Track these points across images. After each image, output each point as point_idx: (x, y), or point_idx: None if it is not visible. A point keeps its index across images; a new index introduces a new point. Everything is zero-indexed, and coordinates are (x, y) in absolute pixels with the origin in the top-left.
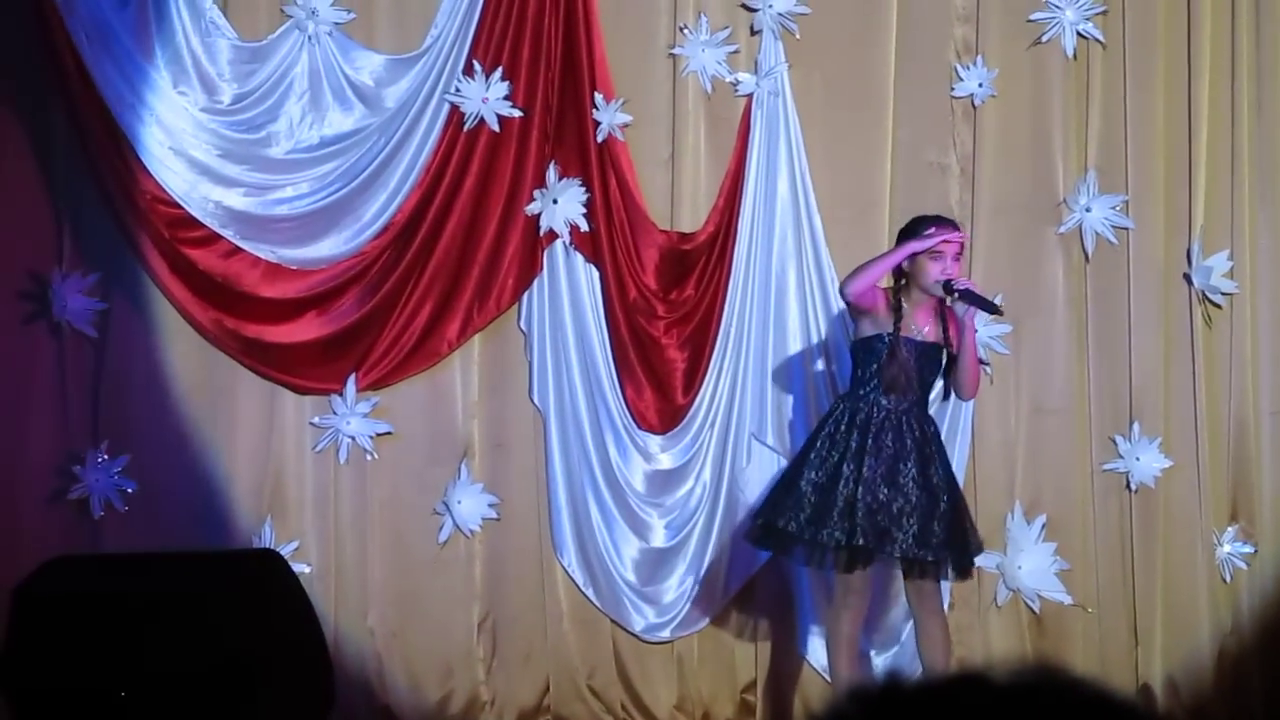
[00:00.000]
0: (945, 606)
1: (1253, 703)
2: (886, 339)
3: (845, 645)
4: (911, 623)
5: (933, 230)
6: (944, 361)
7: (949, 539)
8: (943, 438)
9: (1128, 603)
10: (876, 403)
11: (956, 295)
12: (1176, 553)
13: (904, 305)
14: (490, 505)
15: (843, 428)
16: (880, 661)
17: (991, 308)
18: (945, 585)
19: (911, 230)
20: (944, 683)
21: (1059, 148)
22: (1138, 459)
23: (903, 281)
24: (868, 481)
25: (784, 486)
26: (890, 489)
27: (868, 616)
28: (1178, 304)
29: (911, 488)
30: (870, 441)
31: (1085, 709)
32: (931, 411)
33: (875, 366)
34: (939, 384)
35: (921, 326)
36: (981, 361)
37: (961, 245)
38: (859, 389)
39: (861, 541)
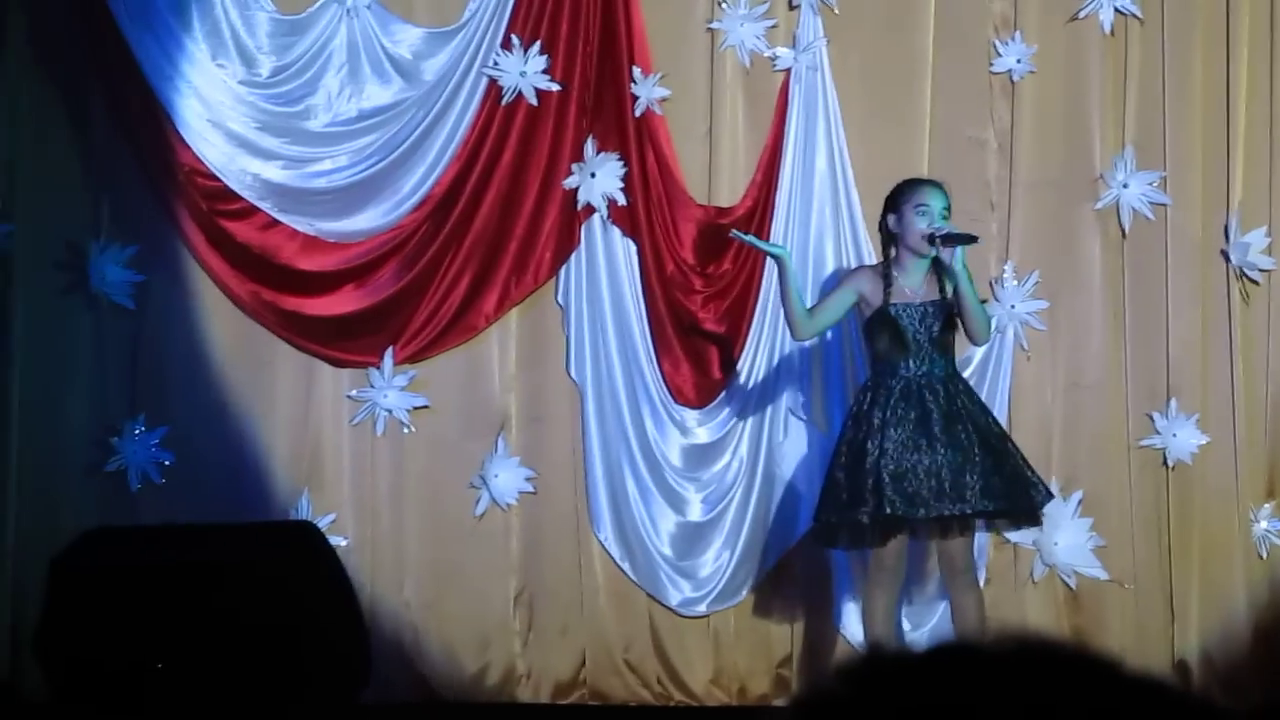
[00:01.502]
0: (981, 581)
1: None
2: (882, 312)
3: (881, 620)
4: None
5: (911, 194)
6: (948, 316)
7: (989, 491)
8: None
9: (1164, 579)
10: (894, 374)
11: (940, 242)
12: (1213, 529)
13: (894, 274)
14: (527, 479)
15: (864, 408)
16: (917, 636)
17: (968, 239)
18: (982, 561)
19: (896, 192)
20: (928, 653)
21: (1096, 124)
22: (1174, 435)
23: (893, 251)
24: (890, 452)
25: (824, 483)
26: (915, 454)
27: (906, 590)
28: (1215, 280)
29: (939, 447)
30: (890, 414)
31: (1071, 676)
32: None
33: (882, 341)
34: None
35: (914, 290)
36: (983, 300)
37: (947, 203)
38: (874, 367)
39: (889, 510)
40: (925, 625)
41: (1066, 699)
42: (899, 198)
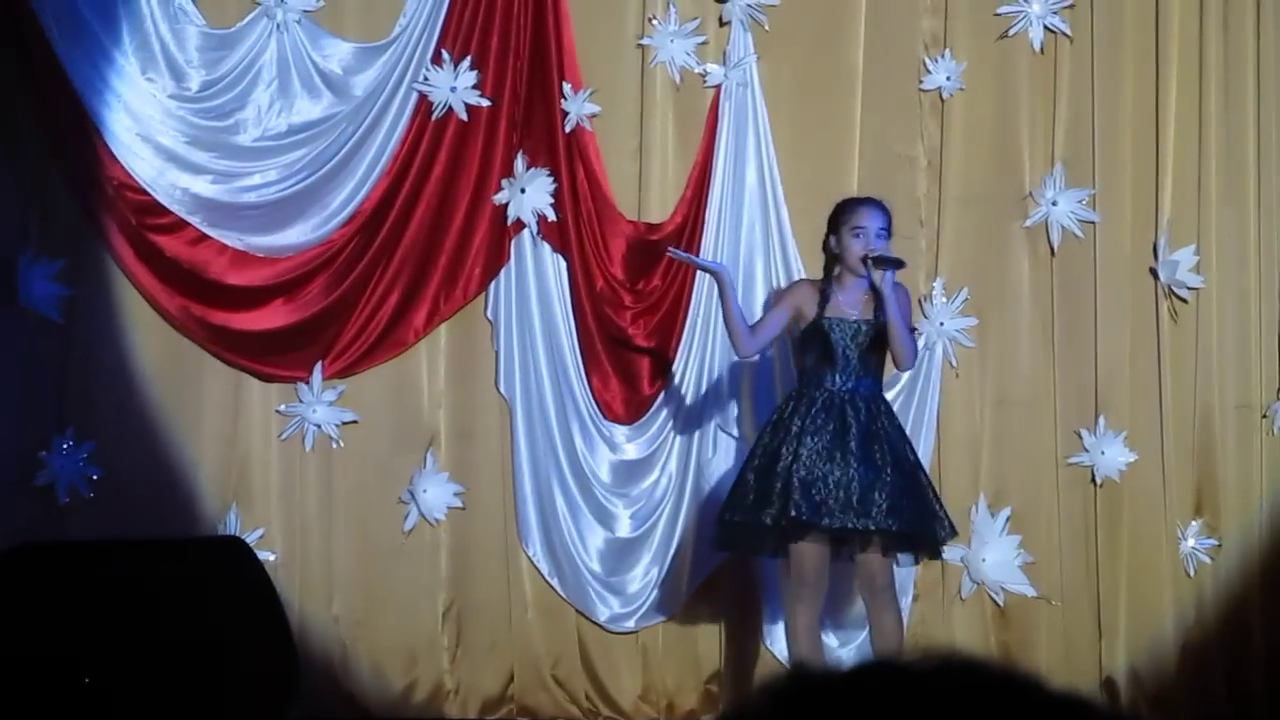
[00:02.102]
0: (900, 598)
1: (1216, 695)
2: (815, 324)
3: (804, 635)
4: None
5: (848, 217)
6: (879, 336)
7: (895, 511)
8: (907, 429)
9: (1092, 595)
10: (819, 385)
11: (871, 264)
12: (1141, 546)
13: (832, 289)
14: (455, 494)
15: (785, 415)
16: (844, 654)
17: (896, 263)
18: (905, 575)
19: (836, 212)
20: (852, 671)
21: (1026, 141)
22: (1103, 452)
23: (836, 270)
24: (804, 459)
25: (734, 484)
26: (829, 464)
27: (832, 608)
28: (1144, 298)
29: (852, 461)
30: (809, 423)
31: (991, 692)
32: (895, 402)
33: (811, 353)
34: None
35: (850, 307)
36: (913, 329)
37: (887, 222)
38: (801, 379)
39: (794, 514)
40: (853, 643)
41: (990, 717)
42: (838, 219)
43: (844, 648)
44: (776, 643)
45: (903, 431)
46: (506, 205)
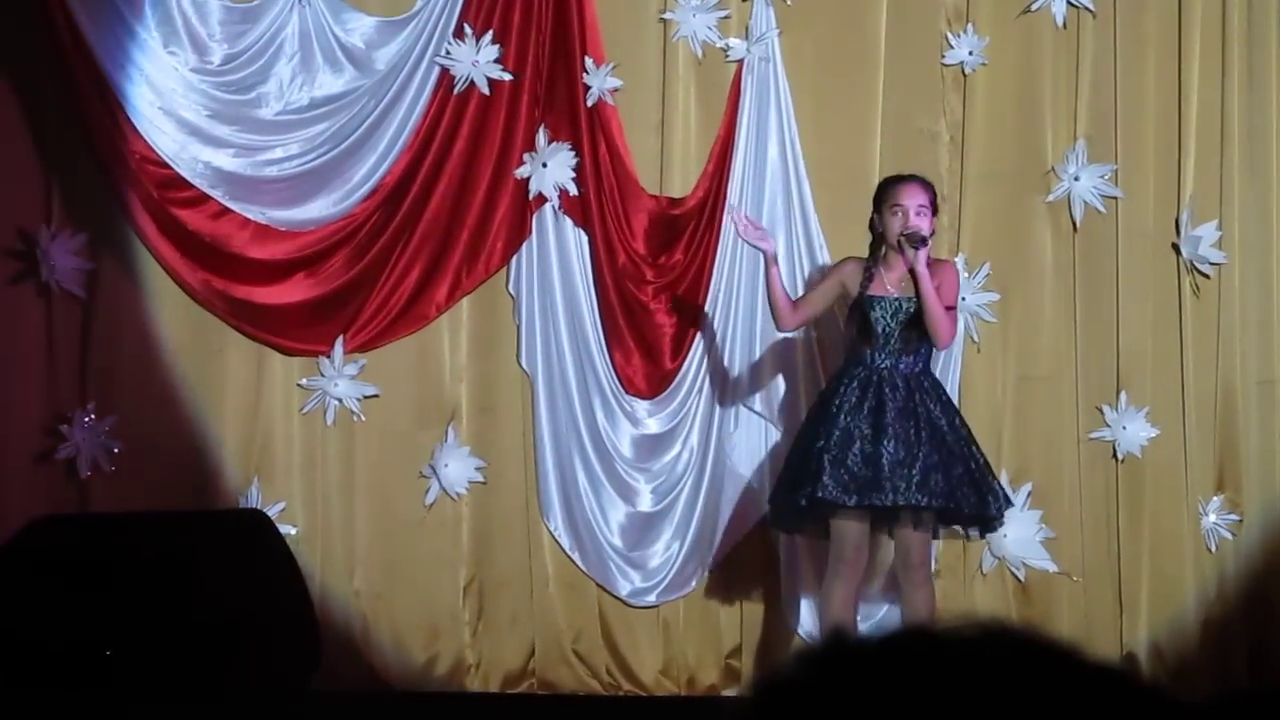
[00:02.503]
0: (933, 578)
1: (1237, 670)
2: (857, 301)
3: (838, 611)
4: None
5: (888, 195)
6: (917, 314)
7: (924, 487)
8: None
9: (1113, 571)
10: (859, 363)
11: (903, 242)
12: (1162, 522)
13: (875, 267)
14: (477, 469)
15: (827, 394)
16: (864, 628)
17: (917, 240)
18: (934, 552)
19: (878, 191)
20: (889, 638)
21: (1048, 117)
22: (1124, 428)
23: (882, 249)
24: (835, 438)
25: (783, 467)
26: (858, 442)
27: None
28: (1165, 274)
29: (884, 439)
30: (844, 402)
31: (1032, 662)
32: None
33: (852, 330)
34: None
35: (893, 285)
36: (949, 307)
37: (929, 200)
38: (846, 356)
39: (820, 495)
40: (873, 618)
41: (1029, 685)
42: (880, 197)
43: (865, 622)
44: (799, 618)
45: (951, 408)
46: (528, 180)
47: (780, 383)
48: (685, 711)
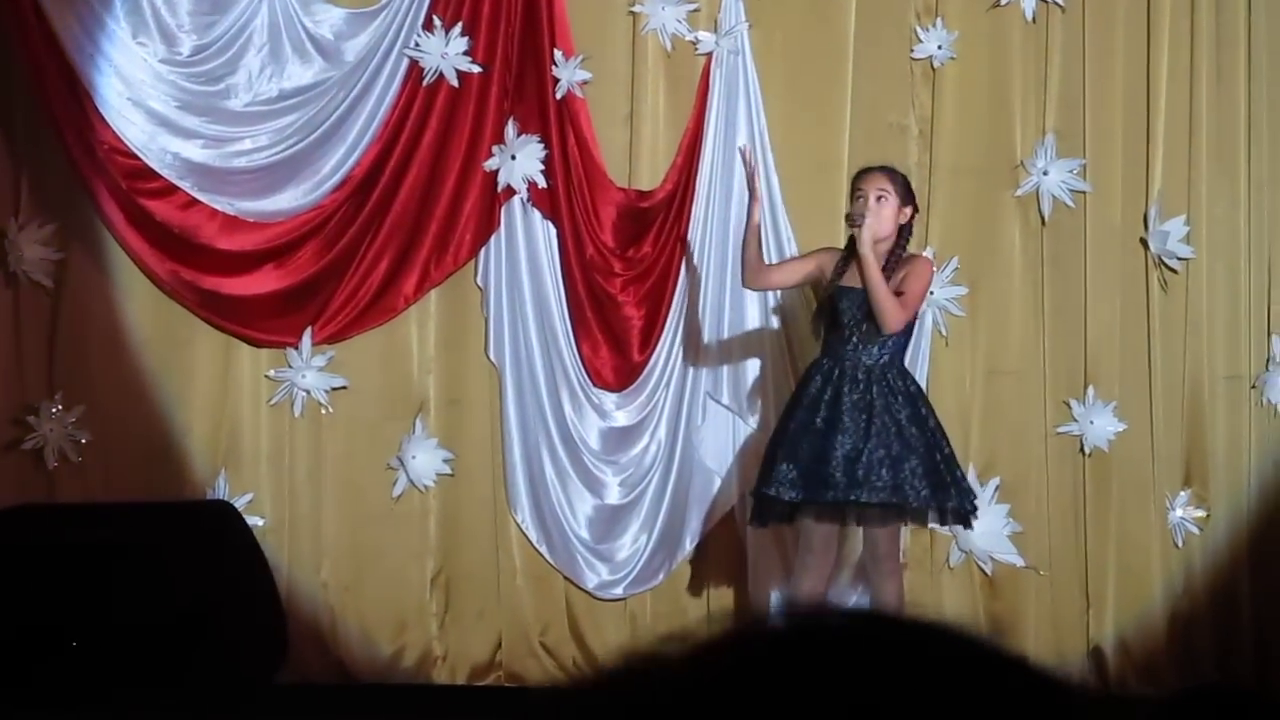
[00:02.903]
0: (900, 570)
1: (1204, 665)
2: (827, 291)
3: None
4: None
5: (856, 180)
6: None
7: (870, 483)
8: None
9: (1080, 565)
10: (827, 354)
11: (852, 224)
12: (1129, 516)
13: (848, 258)
14: (445, 461)
15: (797, 389)
16: None
17: (851, 220)
18: (903, 545)
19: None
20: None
21: (1017, 111)
22: (1092, 422)
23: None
24: (791, 432)
25: (764, 457)
26: (811, 437)
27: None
28: (1134, 268)
29: (835, 434)
30: (806, 395)
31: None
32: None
33: (822, 322)
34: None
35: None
36: (899, 293)
37: (889, 184)
38: (821, 349)
39: (771, 491)
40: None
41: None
42: (851, 188)
43: None
44: (766, 609)
45: (916, 400)
46: (497, 172)
47: (749, 375)
48: None
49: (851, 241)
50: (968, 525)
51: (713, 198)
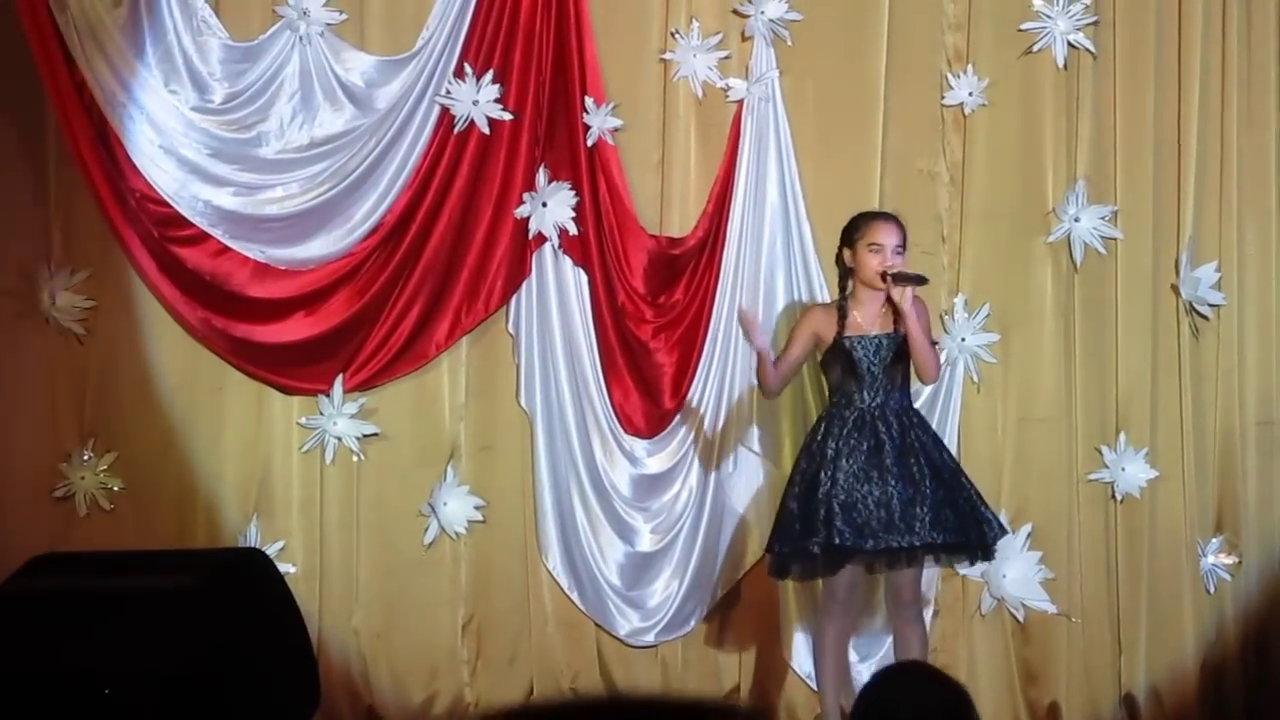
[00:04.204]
0: (927, 616)
1: (1235, 713)
2: (837, 345)
3: (830, 650)
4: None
5: (864, 232)
6: (901, 348)
7: (939, 523)
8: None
9: (1112, 612)
10: (848, 405)
11: (890, 280)
12: (1161, 563)
13: (848, 306)
14: (476, 508)
15: (819, 439)
16: (865, 668)
17: (918, 279)
18: (927, 589)
19: (851, 226)
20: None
21: (1049, 157)
22: (1123, 469)
23: (850, 285)
24: (841, 483)
25: (778, 514)
26: (866, 485)
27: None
28: (1165, 315)
29: (890, 479)
30: (843, 445)
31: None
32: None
33: (836, 373)
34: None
35: (869, 323)
36: (935, 342)
37: (902, 238)
38: (831, 399)
39: (837, 541)
40: (873, 656)
41: None
42: (853, 233)
43: (864, 662)
44: (796, 656)
45: (938, 439)
46: (528, 219)
47: (778, 422)
48: None
49: (843, 287)
50: (990, 560)
51: (744, 244)
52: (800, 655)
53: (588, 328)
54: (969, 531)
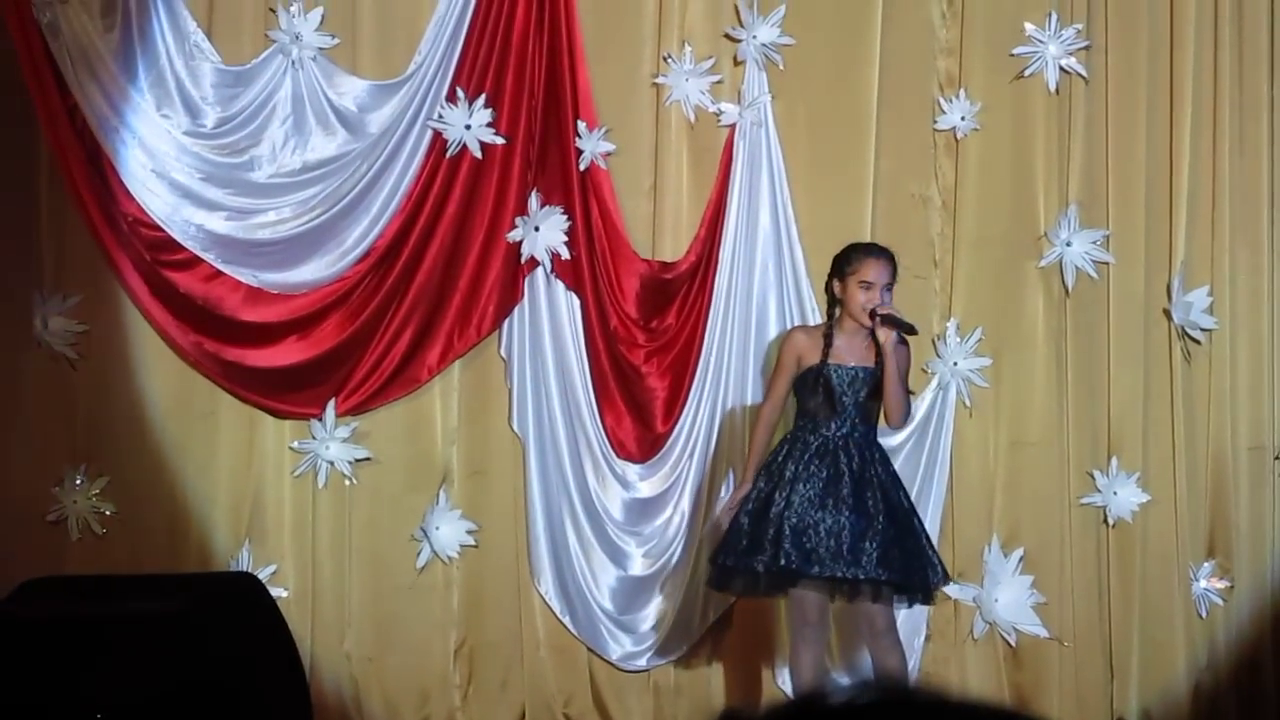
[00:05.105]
0: (913, 638)
1: None
2: (817, 371)
3: (808, 674)
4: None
5: (856, 267)
6: (877, 384)
7: (885, 560)
8: (920, 469)
9: (1104, 637)
10: (814, 432)
11: (879, 321)
12: (1153, 587)
13: (834, 335)
14: (468, 532)
15: (780, 460)
16: None
17: (908, 329)
18: (919, 615)
19: (843, 258)
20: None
21: (1040, 181)
22: (1115, 493)
23: (837, 312)
24: (795, 506)
25: (728, 527)
26: (820, 511)
27: (844, 647)
28: (1157, 339)
29: (844, 510)
30: (802, 469)
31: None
32: (909, 442)
33: (810, 398)
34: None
35: (849, 354)
36: (910, 392)
37: (893, 275)
38: (798, 422)
39: (783, 563)
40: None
41: None
42: (844, 265)
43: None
44: (789, 681)
45: (896, 478)
46: (520, 243)
47: (772, 447)
48: None
49: (830, 314)
50: (930, 604)
51: (736, 268)
52: (789, 678)
53: (580, 352)
54: (913, 574)
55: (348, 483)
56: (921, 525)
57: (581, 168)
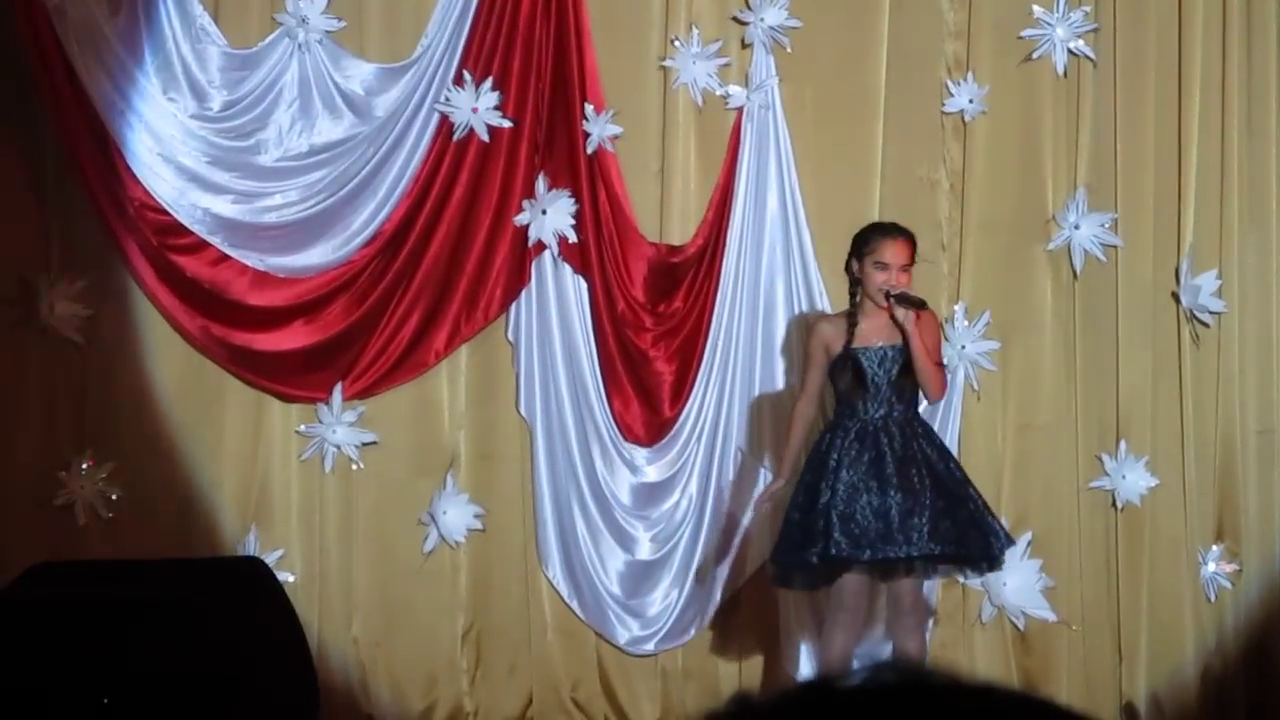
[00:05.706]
0: (929, 623)
1: None
2: (845, 355)
3: (838, 659)
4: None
5: (873, 247)
6: (908, 361)
7: (936, 534)
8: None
9: (1112, 621)
10: (852, 417)
11: (892, 301)
12: (1161, 571)
13: (858, 318)
14: (476, 516)
15: (823, 449)
16: None
17: (919, 304)
18: (931, 597)
19: (861, 239)
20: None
21: (1049, 165)
22: (1124, 477)
23: (858, 295)
24: (840, 494)
25: (782, 525)
26: (865, 495)
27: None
28: (1165, 323)
29: (889, 490)
30: (844, 456)
31: (936, 709)
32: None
33: (843, 383)
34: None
35: (875, 334)
36: (940, 364)
37: (911, 256)
38: (837, 409)
39: (834, 552)
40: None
41: None
42: (863, 245)
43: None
44: (797, 665)
45: (945, 450)
46: (528, 226)
47: (778, 431)
48: None
49: (853, 296)
50: (997, 570)
51: (744, 252)
52: (801, 664)
53: (587, 336)
54: (969, 543)
55: (355, 467)
56: (977, 493)
57: (589, 151)
